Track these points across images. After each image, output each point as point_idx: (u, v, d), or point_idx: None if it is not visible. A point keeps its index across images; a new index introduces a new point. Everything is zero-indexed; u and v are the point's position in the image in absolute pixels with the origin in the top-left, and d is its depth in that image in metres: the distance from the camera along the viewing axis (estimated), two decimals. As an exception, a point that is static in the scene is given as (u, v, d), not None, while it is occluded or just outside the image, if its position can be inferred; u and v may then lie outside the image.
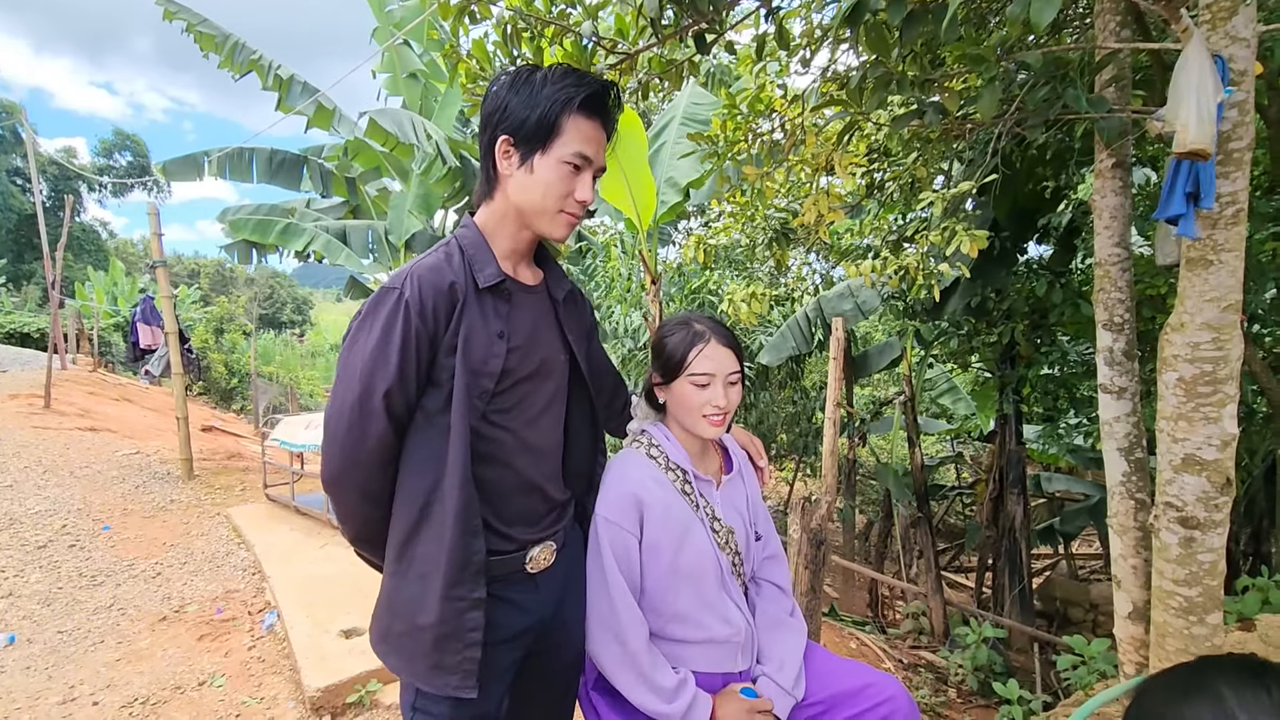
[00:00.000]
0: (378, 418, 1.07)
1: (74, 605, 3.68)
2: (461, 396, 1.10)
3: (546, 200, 1.15)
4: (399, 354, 1.06)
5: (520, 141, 1.14)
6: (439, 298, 1.09)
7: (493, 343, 1.14)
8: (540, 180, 1.14)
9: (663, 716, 1.26)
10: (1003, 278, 5.20)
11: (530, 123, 1.12)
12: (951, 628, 5.38)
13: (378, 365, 1.07)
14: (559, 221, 1.18)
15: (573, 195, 1.16)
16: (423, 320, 1.07)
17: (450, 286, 1.11)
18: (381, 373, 1.06)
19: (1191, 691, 0.57)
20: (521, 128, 1.13)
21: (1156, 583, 1.85)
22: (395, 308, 1.07)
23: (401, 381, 1.07)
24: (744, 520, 1.49)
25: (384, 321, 1.07)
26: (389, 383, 1.06)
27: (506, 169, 1.16)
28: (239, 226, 7.09)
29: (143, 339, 8.49)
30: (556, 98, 1.11)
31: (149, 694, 2.82)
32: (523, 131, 1.13)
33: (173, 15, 6.22)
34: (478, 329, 1.13)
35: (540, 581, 1.25)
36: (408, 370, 1.08)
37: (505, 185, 1.18)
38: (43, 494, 5.40)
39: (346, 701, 2.69)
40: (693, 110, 5.91)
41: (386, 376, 1.06)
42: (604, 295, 6.88)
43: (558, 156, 1.13)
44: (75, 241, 35.04)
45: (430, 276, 1.10)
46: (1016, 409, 5.62)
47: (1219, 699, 0.55)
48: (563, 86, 1.12)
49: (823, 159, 3.33)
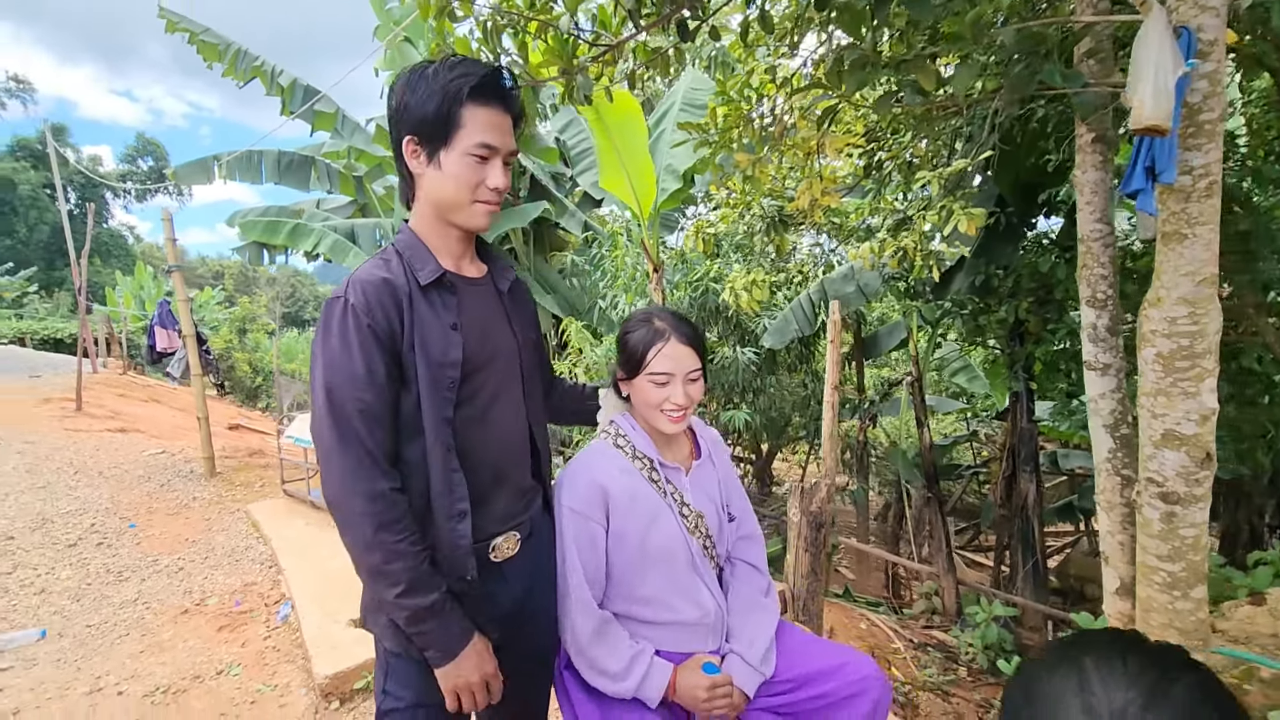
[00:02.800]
0: (356, 423, 1.09)
1: (101, 600, 3.83)
2: (429, 390, 1.14)
3: (460, 194, 1.17)
4: (360, 355, 1.09)
5: (424, 140, 1.15)
6: (382, 297, 1.12)
7: (448, 334, 1.17)
8: (449, 175, 1.15)
9: (622, 694, 1.31)
10: (1010, 254, 5.13)
11: (428, 120, 1.13)
12: (964, 607, 5.38)
13: (341, 371, 1.09)
14: (476, 212, 1.19)
15: (484, 184, 1.17)
16: (372, 318, 1.10)
17: (389, 285, 1.14)
18: (346, 377, 1.09)
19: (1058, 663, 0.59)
20: (421, 126, 1.14)
21: (1140, 558, 1.85)
22: (344, 314, 1.10)
23: (369, 380, 1.10)
24: (715, 504, 1.52)
25: (337, 329, 1.10)
26: (356, 385, 1.09)
27: (417, 168, 1.19)
28: (249, 228, 7.23)
29: (159, 342, 8.71)
30: (447, 91, 1.11)
31: (170, 683, 2.95)
32: (424, 129, 1.14)
33: (175, 27, 6.33)
34: (431, 323, 1.16)
35: (506, 570, 1.28)
36: (373, 369, 1.10)
37: (420, 184, 1.20)
38: (73, 494, 5.60)
39: (354, 688, 2.79)
40: (692, 96, 5.88)
41: (353, 379, 1.09)
42: (610, 284, 6.90)
43: (461, 149, 1.14)
44: (103, 247, 35.95)
45: (370, 279, 1.13)
46: (1027, 386, 5.56)
47: (1080, 669, 0.57)
48: (452, 79, 1.12)
49: (813, 142, 3.31)
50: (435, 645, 1.12)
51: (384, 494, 1.09)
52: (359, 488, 1.08)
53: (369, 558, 1.09)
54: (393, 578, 1.09)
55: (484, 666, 1.17)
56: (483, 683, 1.17)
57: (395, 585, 1.09)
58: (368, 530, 1.08)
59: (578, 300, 8.40)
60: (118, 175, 41.94)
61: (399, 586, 1.09)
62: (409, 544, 1.10)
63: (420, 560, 1.10)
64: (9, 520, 4.97)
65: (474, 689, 1.16)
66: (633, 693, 1.30)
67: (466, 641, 1.14)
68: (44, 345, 21.07)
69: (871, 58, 2.06)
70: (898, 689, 3.55)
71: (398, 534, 1.09)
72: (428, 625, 1.11)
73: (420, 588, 1.10)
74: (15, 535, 4.71)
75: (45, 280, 31.05)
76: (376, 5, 7.06)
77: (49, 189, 34.22)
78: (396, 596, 1.09)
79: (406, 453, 1.16)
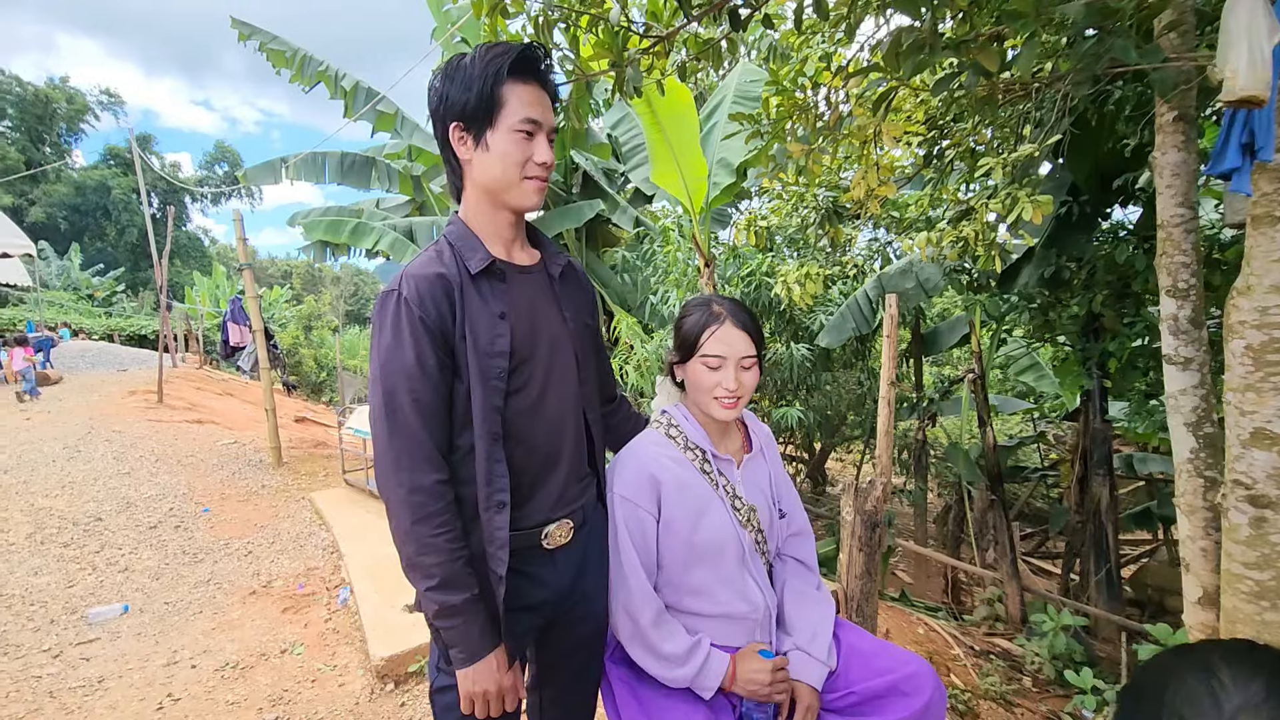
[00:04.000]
0: (407, 414, 1.11)
1: (178, 580, 4.05)
2: (478, 380, 1.15)
3: (509, 171, 1.18)
4: (411, 347, 1.11)
5: (469, 124, 1.18)
6: (434, 289, 1.14)
7: (495, 324, 1.18)
8: (497, 154, 1.17)
9: (678, 682, 1.30)
10: (1083, 245, 4.87)
11: (471, 103, 1.16)
12: (1029, 615, 5.15)
13: (394, 362, 1.12)
14: (526, 190, 1.21)
15: (532, 159, 1.19)
16: (424, 310, 1.12)
17: (441, 278, 1.15)
18: (399, 369, 1.11)
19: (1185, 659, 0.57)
20: (465, 110, 1.17)
21: (1226, 566, 1.73)
22: (397, 307, 1.13)
23: (421, 372, 1.12)
24: (767, 498, 1.49)
25: (390, 322, 1.13)
26: (409, 376, 1.11)
27: (465, 154, 1.20)
28: (312, 228, 7.52)
29: (232, 337, 9.19)
30: (487, 72, 1.14)
31: (239, 659, 3.10)
32: (467, 113, 1.17)
33: (246, 36, 6.64)
34: (479, 313, 1.17)
35: (558, 557, 1.29)
36: (425, 360, 1.12)
37: (469, 171, 1.22)
38: (154, 480, 5.95)
39: (408, 671, 2.87)
40: (745, 88, 5.81)
41: (405, 371, 1.11)
42: (661, 280, 6.88)
43: (507, 127, 1.16)
44: (182, 249, 38.13)
45: (421, 272, 1.15)
46: (1100, 384, 5.27)
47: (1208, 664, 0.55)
48: (490, 60, 1.15)
49: (870, 130, 3.22)
50: (458, 644, 1.13)
51: (426, 487, 1.10)
52: (402, 478, 1.10)
53: (405, 547, 1.12)
54: (424, 570, 1.10)
55: (500, 678, 1.16)
56: (498, 694, 1.16)
57: (427, 578, 1.10)
58: (406, 521, 1.10)
59: (629, 296, 8.41)
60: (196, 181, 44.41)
61: (430, 580, 1.10)
62: (445, 539, 1.11)
63: (454, 557, 1.11)
64: (98, 503, 5.32)
65: (489, 697, 1.16)
66: (689, 680, 1.29)
67: (488, 649, 1.14)
68: (130, 341, 22.47)
69: (931, 39, 1.98)
70: (957, 696, 3.43)
71: (435, 528, 1.10)
72: (452, 623, 1.12)
73: (450, 585, 1.11)
74: (104, 517, 5.04)
75: (131, 280, 33.14)
76: (434, 6, 7.23)
77: (138, 193, 36.60)
78: (427, 589, 1.11)
79: (460, 441, 1.17)
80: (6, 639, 3.32)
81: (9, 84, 35.71)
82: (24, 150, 34.94)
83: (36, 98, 36.40)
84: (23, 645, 3.27)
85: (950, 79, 2.24)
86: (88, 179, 35.95)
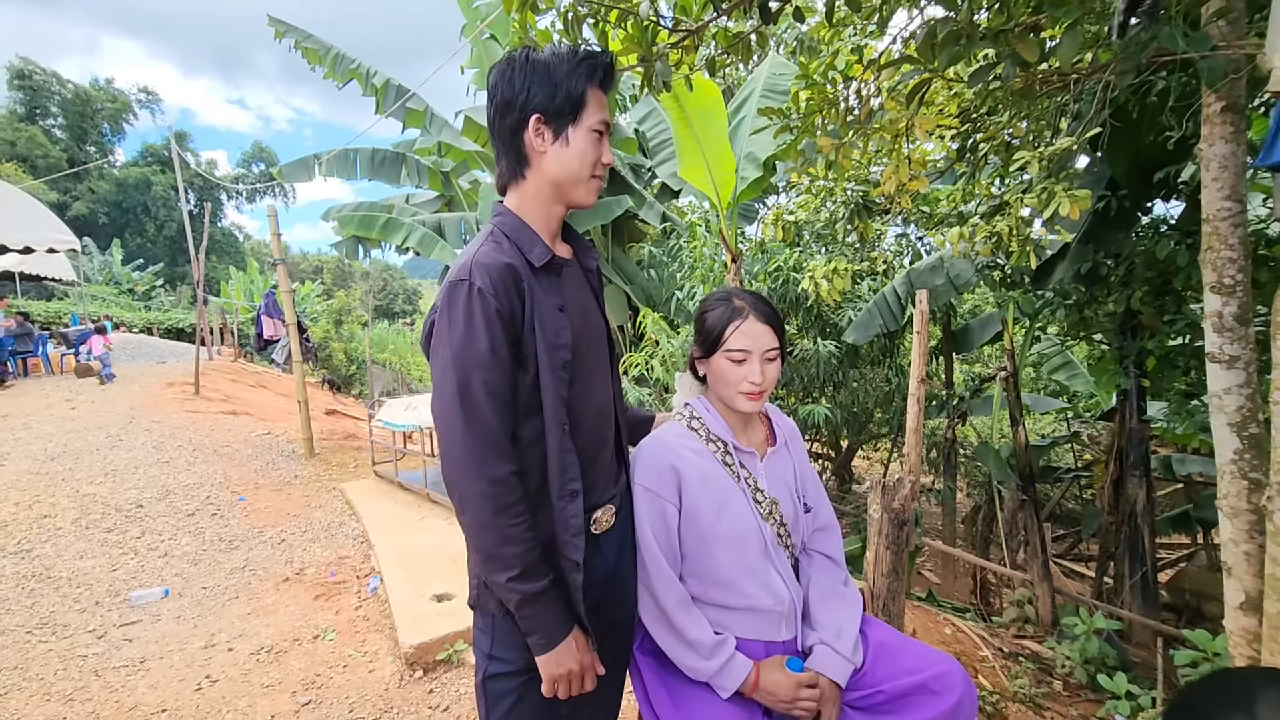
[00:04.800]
0: (483, 405, 1.11)
1: (215, 566, 4.17)
2: (547, 370, 1.18)
3: (582, 169, 1.24)
4: (486, 336, 1.12)
5: (551, 118, 1.21)
6: (506, 280, 1.15)
7: (558, 316, 1.21)
8: (576, 150, 1.22)
9: (698, 673, 1.30)
10: (1121, 241, 4.74)
11: (558, 100, 1.20)
12: (1060, 617, 5.04)
13: (469, 353, 1.12)
14: (592, 187, 1.27)
15: (600, 160, 1.25)
16: (498, 300, 1.13)
17: (510, 268, 1.17)
18: (474, 359, 1.12)
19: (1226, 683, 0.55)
20: (551, 105, 1.20)
21: (1270, 570, 1.68)
22: (469, 296, 1.12)
23: (495, 361, 1.12)
24: (791, 492, 1.48)
25: (464, 311, 1.12)
26: (484, 366, 1.12)
27: (540, 146, 1.22)
28: (345, 223, 7.65)
29: (265, 330, 9.40)
30: (579, 74, 1.20)
31: (273, 644, 3.18)
32: (552, 108, 1.20)
33: (282, 34, 6.77)
34: (544, 305, 1.20)
35: (603, 542, 1.31)
36: (498, 351, 1.13)
37: (540, 163, 1.24)
38: (192, 469, 6.12)
39: (436, 659, 2.92)
40: (773, 81, 5.76)
41: (480, 361, 1.12)
42: (687, 275, 6.87)
43: (588, 126, 1.22)
44: (217, 245, 39.05)
45: (492, 263, 1.16)
46: (1138, 384, 5.13)
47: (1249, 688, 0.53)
48: (580, 63, 1.21)
49: (902, 124, 3.17)
50: (537, 631, 1.15)
51: (504, 478, 1.11)
52: (482, 470, 1.10)
53: (484, 539, 1.12)
54: (505, 561, 1.11)
55: (583, 657, 1.19)
56: (580, 673, 1.19)
57: (508, 569, 1.11)
58: (486, 513, 1.10)
59: (655, 292, 8.41)
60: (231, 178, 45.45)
61: (511, 570, 1.11)
62: (523, 529, 1.12)
63: (531, 546, 1.13)
64: (139, 490, 5.49)
65: (572, 678, 1.18)
66: (710, 675, 1.29)
67: (565, 633, 1.16)
68: (168, 334, 23.11)
69: (967, 29, 1.94)
70: (985, 698, 3.38)
71: (513, 518, 1.11)
72: (532, 610, 1.14)
73: (530, 574, 1.12)
74: (144, 504, 5.20)
75: (169, 275, 34.07)
76: (463, 4, 7.28)
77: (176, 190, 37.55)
78: (507, 580, 1.12)
79: (522, 432, 1.19)
80: (55, 619, 3.45)
81: (50, 82, 36.81)
82: (66, 149, 36.06)
83: (78, 97, 37.52)
84: (70, 625, 3.39)
85: (987, 70, 2.20)
86: (129, 176, 37.01)
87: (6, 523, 4.68)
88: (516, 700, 1.23)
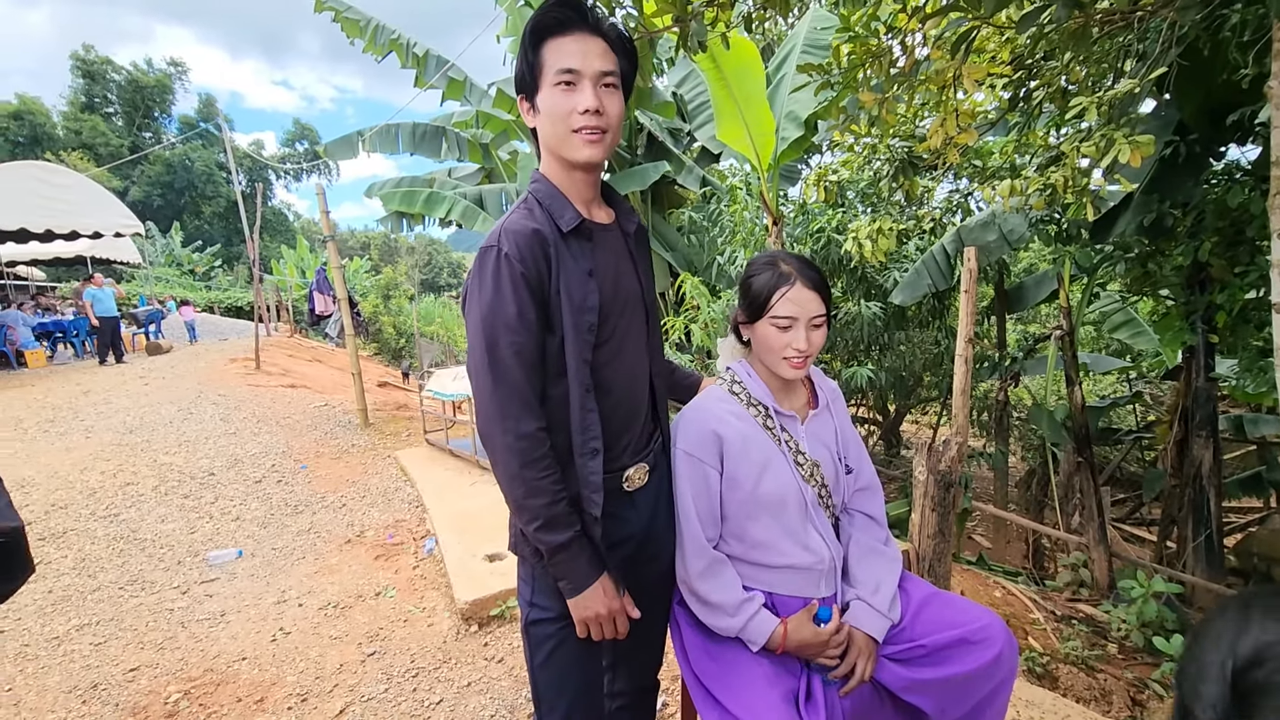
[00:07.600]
0: (510, 364, 1.16)
1: (282, 528, 4.42)
2: (572, 335, 1.21)
3: (556, 126, 1.21)
4: (513, 299, 1.16)
5: (525, 91, 1.24)
6: (533, 245, 1.18)
7: (585, 281, 1.23)
8: (545, 112, 1.21)
9: (726, 630, 1.35)
10: (1190, 189, 4.47)
11: (522, 73, 1.23)
12: (1117, 581, 4.93)
13: (497, 315, 1.17)
14: (576, 142, 1.21)
15: (575, 111, 1.18)
16: (524, 265, 1.17)
17: (538, 234, 1.20)
18: (502, 321, 1.16)
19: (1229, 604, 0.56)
20: (521, 80, 1.24)
21: (1339, 528, 1.61)
22: (498, 262, 1.17)
23: (521, 324, 1.17)
24: (832, 453, 1.49)
25: (491, 276, 1.17)
26: (511, 329, 1.17)
27: (531, 122, 1.26)
28: (389, 199, 7.79)
29: (317, 306, 9.72)
30: (530, 39, 1.20)
31: (339, 600, 3.37)
32: (524, 82, 1.24)
33: (322, 6, 6.84)
34: (572, 270, 1.23)
35: (636, 498, 1.35)
36: (525, 313, 1.17)
37: (540, 138, 1.27)
38: (257, 439, 6.45)
39: (490, 614, 3.06)
40: (815, 36, 5.56)
41: (507, 323, 1.16)
42: (728, 240, 6.79)
43: (548, 84, 1.20)
44: (269, 224, 40.25)
45: (520, 229, 1.19)
46: (1206, 340, 4.89)
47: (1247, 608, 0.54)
48: (530, 30, 1.20)
49: (949, 74, 3.04)
50: (566, 576, 1.22)
51: (530, 433, 1.16)
52: (508, 425, 1.16)
53: (514, 490, 1.18)
54: (532, 512, 1.17)
55: (610, 602, 1.24)
56: (610, 616, 1.25)
57: (535, 519, 1.18)
58: (514, 465, 1.16)
59: (695, 257, 8.35)
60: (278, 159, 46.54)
61: (538, 520, 1.17)
62: (550, 481, 1.17)
63: (557, 498, 1.18)
64: (210, 459, 5.82)
65: (601, 621, 1.25)
66: (737, 631, 1.33)
67: (594, 579, 1.22)
68: (228, 313, 24.14)
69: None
70: (1035, 659, 3.36)
71: (540, 471, 1.16)
72: (560, 558, 1.20)
73: (556, 525, 1.18)
74: (215, 472, 5.52)
75: (225, 255, 35.36)
76: (497, -29, 7.23)
77: (223, 170, 38.60)
78: (535, 530, 1.18)
79: (550, 392, 1.23)
80: (143, 577, 3.73)
81: (105, 69, 37.90)
82: (123, 135, 37.42)
83: (131, 82, 38.66)
84: (156, 582, 3.66)
85: (1038, 13, 2.09)
86: (173, 155, 38.00)
87: (95, 490, 5.04)
88: (557, 645, 1.30)
